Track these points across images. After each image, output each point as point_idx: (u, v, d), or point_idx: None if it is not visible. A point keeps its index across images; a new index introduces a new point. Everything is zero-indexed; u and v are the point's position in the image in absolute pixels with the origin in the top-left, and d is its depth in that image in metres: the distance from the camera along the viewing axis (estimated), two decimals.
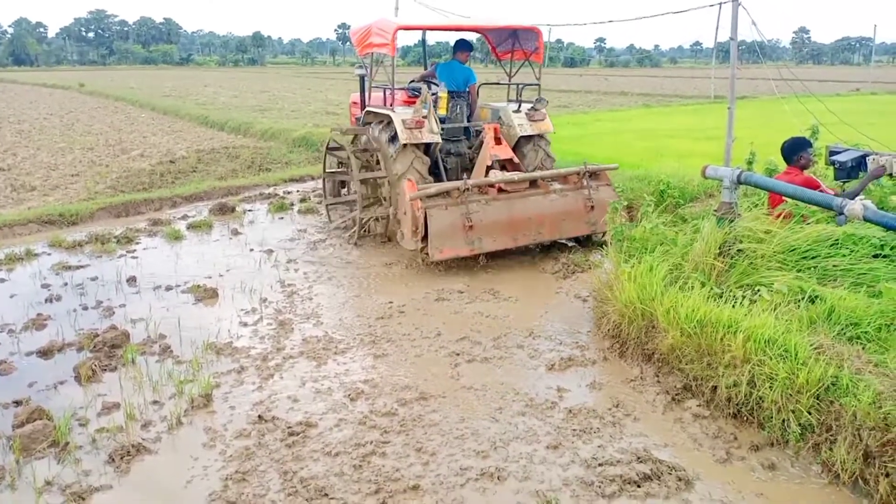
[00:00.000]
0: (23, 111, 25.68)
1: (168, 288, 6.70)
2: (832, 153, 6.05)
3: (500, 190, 7.33)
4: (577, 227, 7.61)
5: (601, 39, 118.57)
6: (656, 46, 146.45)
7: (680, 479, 3.63)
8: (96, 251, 7.84)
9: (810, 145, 6.00)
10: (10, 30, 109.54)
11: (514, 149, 8.14)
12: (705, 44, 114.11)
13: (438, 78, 8.71)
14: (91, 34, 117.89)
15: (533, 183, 7.53)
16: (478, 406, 4.47)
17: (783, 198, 5.80)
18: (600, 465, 3.78)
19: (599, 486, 3.58)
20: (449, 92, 8.46)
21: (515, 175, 7.47)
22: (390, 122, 7.74)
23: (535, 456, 3.89)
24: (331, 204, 9.27)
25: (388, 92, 8.09)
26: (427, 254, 6.91)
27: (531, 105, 8.41)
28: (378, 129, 8.01)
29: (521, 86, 8.60)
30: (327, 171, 9.14)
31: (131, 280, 6.87)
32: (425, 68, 8.67)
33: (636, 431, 4.15)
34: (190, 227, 9.01)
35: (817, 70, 74.88)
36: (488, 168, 7.74)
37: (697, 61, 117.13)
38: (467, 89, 8.83)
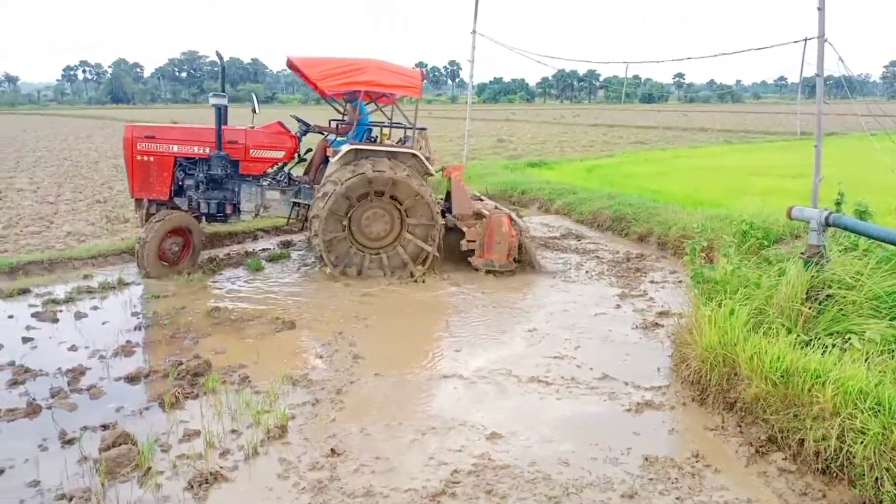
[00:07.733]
0: (120, 147, 26.95)
1: (249, 319, 6.91)
2: None
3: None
4: None
5: (680, 75, 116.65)
6: (738, 81, 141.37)
7: None
8: (183, 281, 8.18)
9: None
10: (110, 70, 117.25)
11: None
12: (790, 79, 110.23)
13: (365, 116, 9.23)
14: (184, 74, 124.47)
15: None
16: (550, 448, 4.40)
17: None
18: None
19: None
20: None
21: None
22: (395, 157, 8.31)
23: None
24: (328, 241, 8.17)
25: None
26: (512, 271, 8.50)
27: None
28: (401, 167, 8.28)
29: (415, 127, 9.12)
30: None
31: (214, 310, 7.12)
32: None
33: (717, 484, 3.97)
34: (270, 258, 9.30)
35: None
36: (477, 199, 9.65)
37: (782, 96, 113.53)
38: None
